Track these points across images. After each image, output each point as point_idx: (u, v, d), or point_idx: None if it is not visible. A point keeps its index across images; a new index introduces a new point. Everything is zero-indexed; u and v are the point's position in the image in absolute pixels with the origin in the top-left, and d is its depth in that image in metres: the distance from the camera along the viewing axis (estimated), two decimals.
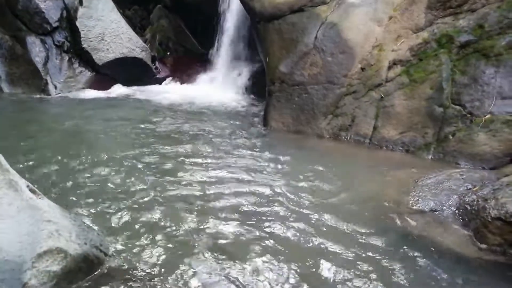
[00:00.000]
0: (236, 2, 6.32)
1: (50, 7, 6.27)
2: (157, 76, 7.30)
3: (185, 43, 7.71)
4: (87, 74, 6.51)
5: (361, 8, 4.57)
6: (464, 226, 2.69)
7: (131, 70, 6.81)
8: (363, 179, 3.44)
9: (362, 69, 4.41)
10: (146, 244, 2.33)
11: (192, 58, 7.64)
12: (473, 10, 3.98)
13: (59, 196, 2.80)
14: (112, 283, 1.91)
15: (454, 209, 2.85)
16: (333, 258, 2.34)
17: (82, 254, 1.86)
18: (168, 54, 7.80)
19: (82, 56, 6.46)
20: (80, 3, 6.42)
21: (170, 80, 7.35)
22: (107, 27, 6.57)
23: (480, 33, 3.86)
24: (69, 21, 6.38)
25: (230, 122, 5.11)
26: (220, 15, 6.92)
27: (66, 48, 6.38)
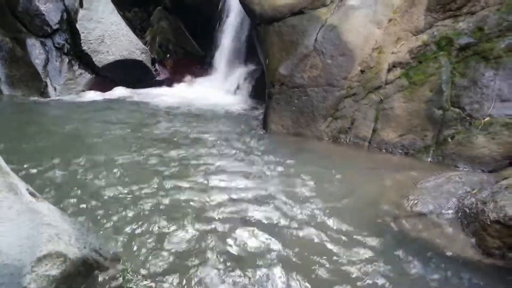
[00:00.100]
0: (236, 4, 6.33)
1: (50, 9, 6.29)
2: (157, 78, 7.30)
3: (185, 45, 7.72)
4: (87, 76, 6.52)
5: (360, 10, 4.57)
6: (463, 229, 2.69)
7: (131, 72, 6.82)
8: (363, 182, 3.44)
9: (362, 71, 4.41)
10: (146, 248, 2.34)
11: (192, 60, 7.64)
12: (472, 13, 3.98)
13: (58, 199, 2.80)
14: (111, 287, 1.91)
15: (453, 212, 2.84)
16: (331, 261, 2.35)
17: (82, 258, 1.86)
18: (168, 56, 7.81)
19: (82, 58, 6.47)
20: (81, 5, 6.43)
21: (170, 82, 7.35)
22: (107, 29, 6.58)
23: (480, 35, 3.87)
24: (69, 23, 6.40)
25: (230, 125, 5.12)
26: (220, 17, 6.93)
27: (66, 50, 6.40)
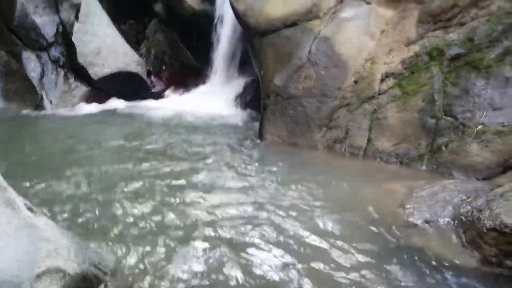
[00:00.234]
0: (231, 16, 6.40)
1: (46, 23, 6.30)
2: (152, 91, 7.33)
3: (180, 57, 7.76)
4: (83, 89, 6.51)
5: (353, 22, 4.65)
6: (459, 237, 2.72)
7: (127, 85, 6.83)
8: (358, 191, 3.46)
9: (355, 82, 4.47)
10: (145, 263, 2.33)
11: (188, 72, 7.67)
12: (462, 24, 4.07)
13: (56, 214, 2.79)
14: None
15: (449, 220, 2.87)
16: (325, 271, 2.36)
17: (81, 273, 1.85)
18: (163, 68, 7.84)
19: (78, 71, 6.47)
20: (76, 18, 6.46)
21: (166, 94, 7.38)
22: (103, 42, 6.61)
23: (470, 46, 3.95)
24: (64, 36, 6.42)
25: (226, 136, 5.13)
26: (215, 30, 7.00)
27: (61, 63, 6.40)
